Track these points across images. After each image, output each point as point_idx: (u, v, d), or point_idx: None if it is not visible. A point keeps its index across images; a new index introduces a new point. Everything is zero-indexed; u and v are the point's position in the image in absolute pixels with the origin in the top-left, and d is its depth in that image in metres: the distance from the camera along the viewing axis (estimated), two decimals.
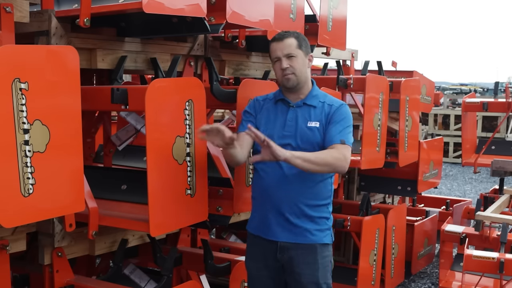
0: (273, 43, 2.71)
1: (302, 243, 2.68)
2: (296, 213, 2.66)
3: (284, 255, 2.69)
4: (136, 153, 3.86)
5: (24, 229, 2.61)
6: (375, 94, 4.15)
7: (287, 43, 2.67)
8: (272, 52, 2.71)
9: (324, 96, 2.77)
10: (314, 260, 2.69)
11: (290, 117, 2.71)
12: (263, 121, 2.76)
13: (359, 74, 4.68)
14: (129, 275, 3.35)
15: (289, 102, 2.73)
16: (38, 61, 2.18)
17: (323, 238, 2.72)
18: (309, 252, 2.68)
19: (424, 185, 5.18)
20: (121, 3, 2.62)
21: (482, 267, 3.94)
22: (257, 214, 2.78)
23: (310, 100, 2.73)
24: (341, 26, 4.29)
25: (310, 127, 2.67)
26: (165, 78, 2.82)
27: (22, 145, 2.10)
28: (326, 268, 2.73)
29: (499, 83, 6.53)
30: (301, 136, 2.67)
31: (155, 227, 2.54)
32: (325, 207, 2.75)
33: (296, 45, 2.68)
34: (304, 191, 2.66)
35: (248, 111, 2.83)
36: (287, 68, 2.65)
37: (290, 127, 2.69)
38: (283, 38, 2.68)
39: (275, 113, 2.75)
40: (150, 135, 2.48)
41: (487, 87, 25.32)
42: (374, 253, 4.40)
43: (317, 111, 2.71)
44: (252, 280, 2.82)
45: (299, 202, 2.66)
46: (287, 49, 2.66)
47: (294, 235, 2.68)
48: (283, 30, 2.77)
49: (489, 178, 10.98)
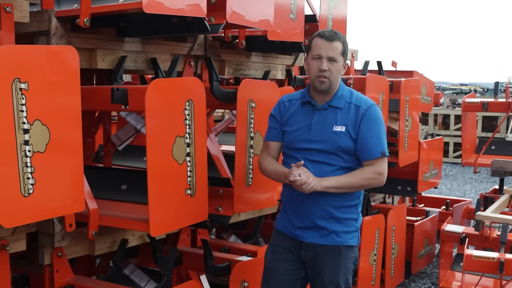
0: (321, 39, 2.61)
1: (328, 245, 2.67)
2: (324, 216, 2.65)
3: (308, 253, 2.70)
4: (136, 153, 3.86)
5: (24, 229, 2.61)
6: (375, 94, 4.14)
7: (334, 46, 2.60)
8: (315, 47, 2.62)
9: (351, 95, 2.70)
10: (338, 262, 2.68)
11: (315, 120, 2.67)
12: (289, 124, 2.74)
13: (359, 74, 4.68)
14: (129, 275, 3.35)
15: (315, 105, 2.69)
16: (38, 61, 2.18)
17: (349, 240, 2.70)
18: (334, 253, 2.68)
19: (424, 185, 5.18)
20: (121, 3, 2.62)
21: (482, 267, 3.94)
22: (285, 213, 2.79)
23: (335, 102, 2.68)
24: (341, 26, 4.29)
25: (336, 132, 2.63)
26: (165, 78, 2.82)
27: (22, 145, 2.10)
28: (349, 269, 2.74)
29: (499, 83, 6.53)
30: (327, 141, 2.64)
31: (155, 227, 2.53)
32: (354, 208, 2.73)
33: (341, 51, 2.63)
34: (333, 194, 2.63)
35: (273, 115, 2.82)
36: (325, 70, 2.59)
37: (315, 131, 2.66)
38: (333, 39, 2.60)
39: (301, 116, 2.72)
40: (150, 135, 2.48)
41: (487, 87, 25.33)
42: (374, 253, 4.40)
43: (343, 114, 2.66)
44: (267, 273, 2.82)
45: (328, 205, 2.65)
46: (332, 52, 2.60)
47: (320, 237, 2.67)
48: (331, 29, 2.69)
49: (489, 178, 10.98)
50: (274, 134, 2.80)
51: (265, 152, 2.83)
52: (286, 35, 3.63)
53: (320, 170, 2.62)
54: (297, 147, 2.70)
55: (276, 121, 2.80)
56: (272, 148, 2.81)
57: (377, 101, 4.17)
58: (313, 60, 2.63)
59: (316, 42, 2.63)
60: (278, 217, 2.86)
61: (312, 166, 2.63)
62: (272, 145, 2.81)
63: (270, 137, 2.83)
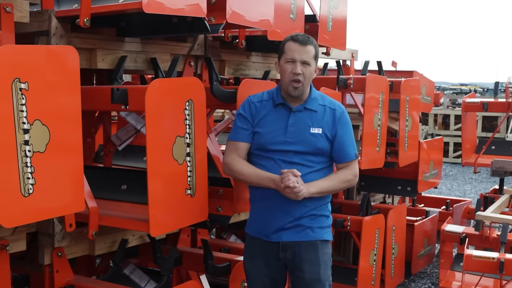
0: (294, 43, 2.65)
1: (304, 241, 2.70)
2: (299, 214, 2.67)
3: (287, 253, 2.70)
4: (136, 153, 3.86)
5: (24, 229, 2.61)
6: (375, 94, 4.15)
7: (308, 49, 2.64)
8: (288, 51, 2.65)
9: (323, 98, 2.77)
10: (316, 257, 2.71)
11: (291, 122, 2.69)
12: (261, 125, 2.73)
13: (359, 74, 4.68)
14: (129, 275, 3.35)
15: (290, 107, 2.71)
16: (38, 61, 2.18)
17: (324, 235, 2.74)
18: (311, 248, 2.70)
19: (424, 185, 5.18)
20: (121, 3, 2.62)
21: (482, 267, 3.94)
22: (258, 217, 2.77)
23: (310, 104, 2.72)
24: (341, 26, 4.29)
25: (313, 134, 2.68)
26: (165, 78, 2.82)
27: (22, 145, 2.10)
28: (327, 265, 2.76)
29: (499, 83, 6.53)
30: (304, 143, 2.67)
31: (155, 227, 2.54)
32: (325, 206, 2.77)
33: (314, 55, 2.67)
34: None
35: (243, 115, 2.77)
36: (299, 74, 2.62)
37: (292, 133, 2.68)
38: (306, 43, 2.64)
39: (275, 118, 2.72)
40: (150, 135, 2.48)
41: (487, 87, 25.32)
42: (374, 253, 4.40)
43: (318, 116, 2.70)
44: (251, 281, 2.82)
45: (302, 205, 2.66)
46: (306, 56, 2.63)
47: (295, 233, 2.69)
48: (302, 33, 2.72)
49: (489, 178, 10.98)
50: (245, 135, 2.75)
51: (234, 153, 2.75)
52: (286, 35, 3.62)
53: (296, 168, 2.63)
54: (272, 149, 2.68)
55: (247, 122, 2.75)
56: (241, 149, 2.75)
57: (377, 101, 4.17)
58: (287, 63, 2.66)
59: (289, 45, 2.67)
60: (249, 223, 2.83)
61: (286, 165, 2.64)
62: (241, 146, 2.75)
63: (239, 137, 2.76)
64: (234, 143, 2.77)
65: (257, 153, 2.76)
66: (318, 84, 3.68)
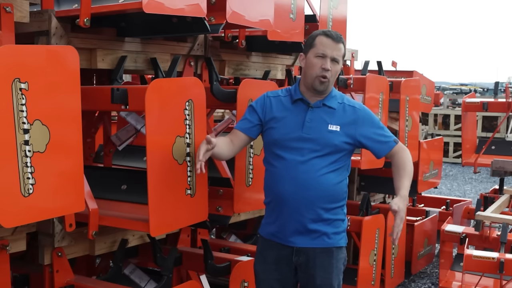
0: (327, 38, 2.58)
1: (319, 247, 2.64)
2: (314, 218, 2.61)
3: (300, 258, 2.65)
4: (136, 153, 3.86)
5: (24, 229, 2.61)
6: (375, 94, 4.15)
7: (339, 47, 2.59)
8: (320, 45, 2.58)
9: (342, 97, 2.70)
10: (330, 263, 2.65)
11: (309, 118, 2.62)
12: (276, 120, 2.66)
13: (359, 74, 4.68)
14: (129, 275, 3.36)
15: (308, 103, 2.64)
16: (38, 61, 2.18)
17: (339, 241, 2.68)
18: (325, 255, 2.65)
19: (424, 185, 5.18)
20: (121, 3, 2.62)
21: (482, 267, 3.94)
22: (272, 220, 2.70)
23: (329, 101, 2.65)
24: (341, 26, 4.29)
25: (331, 131, 2.60)
26: (165, 78, 2.82)
27: (22, 145, 2.10)
28: (340, 270, 2.71)
29: (499, 83, 6.53)
30: (322, 139, 2.59)
31: (155, 227, 2.53)
32: (340, 209, 2.69)
33: (343, 53, 2.63)
34: (322, 195, 2.60)
35: (253, 107, 2.72)
36: (328, 70, 2.56)
37: (309, 129, 2.60)
38: (339, 40, 2.59)
39: (292, 113, 2.65)
40: (150, 135, 2.48)
41: (487, 87, 25.32)
42: (374, 253, 4.40)
43: (337, 114, 2.64)
44: (260, 283, 2.77)
45: (317, 206, 2.60)
46: (337, 53, 2.58)
47: (311, 240, 2.63)
48: (335, 31, 2.65)
49: (489, 178, 10.98)
50: (245, 125, 2.70)
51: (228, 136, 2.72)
52: (286, 35, 3.63)
53: (311, 168, 2.58)
54: (287, 146, 2.62)
55: (254, 114, 2.70)
56: (237, 136, 2.70)
57: (377, 101, 4.17)
58: (316, 57, 2.58)
59: (321, 40, 2.59)
60: (264, 224, 2.77)
61: (302, 166, 2.58)
62: (237, 133, 2.70)
63: (239, 125, 2.73)
64: (234, 129, 2.75)
65: (271, 151, 2.68)
66: None
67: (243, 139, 2.73)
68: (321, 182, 2.58)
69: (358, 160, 3.99)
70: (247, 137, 2.72)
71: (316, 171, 2.58)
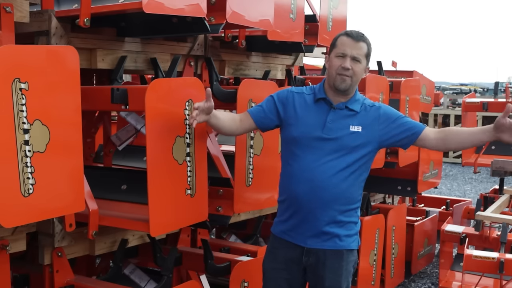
0: (347, 38, 2.57)
1: (330, 249, 2.62)
2: (328, 220, 2.58)
3: (310, 259, 2.63)
4: (136, 153, 3.86)
5: (24, 229, 2.61)
6: (375, 94, 4.15)
7: (360, 46, 2.57)
8: (340, 45, 2.57)
9: (364, 100, 2.68)
10: (340, 266, 2.64)
11: (330, 118, 2.59)
12: (298, 117, 2.63)
13: None
14: (129, 275, 3.36)
15: (331, 103, 2.62)
16: (38, 61, 2.18)
17: (351, 244, 2.66)
18: (336, 257, 2.63)
19: (424, 185, 5.18)
20: (121, 3, 2.62)
21: (482, 267, 3.94)
22: (285, 218, 2.68)
23: (352, 104, 2.62)
24: (341, 26, 4.29)
25: (352, 132, 2.58)
26: (165, 78, 2.82)
27: (22, 145, 2.10)
28: (350, 272, 2.71)
29: (499, 83, 6.53)
30: (342, 141, 2.57)
31: (155, 227, 2.53)
32: (354, 211, 2.67)
33: (366, 52, 2.60)
34: (337, 196, 2.57)
35: (273, 98, 2.68)
36: (348, 69, 2.54)
37: (329, 130, 2.58)
38: (360, 39, 2.57)
39: (313, 112, 2.63)
40: (150, 135, 2.48)
41: (487, 87, 25.32)
42: (374, 253, 4.40)
43: (360, 116, 2.61)
44: (267, 281, 2.76)
45: (332, 208, 2.58)
46: (357, 51, 2.56)
47: (323, 241, 2.61)
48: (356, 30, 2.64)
49: (489, 178, 10.98)
50: (259, 116, 2.68)
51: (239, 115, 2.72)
52: (286, 35, 3.63)
53: (328, 170, 2.56)
54: (306, 144, 2.59)
55: (273, 107, 2.67)
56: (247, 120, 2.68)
57: (377, 101, 4.17)
58: (337, 57, 2.57)
59: (342, 40, 2.58)
60: (276, 222, 2.75)
61: (320, 167, 2.55)
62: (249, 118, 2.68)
63: (251, 110, 2.71)
64: (246, 111, 2.73)
65: (288, 148, 2.65)
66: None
67: (251, 125, 2.70)
68: (338, 184, 2.56)
69: None
70: (254, 124, 2.70)
71: (334, 173, 2.55)
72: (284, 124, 2.67)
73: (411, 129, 2.64)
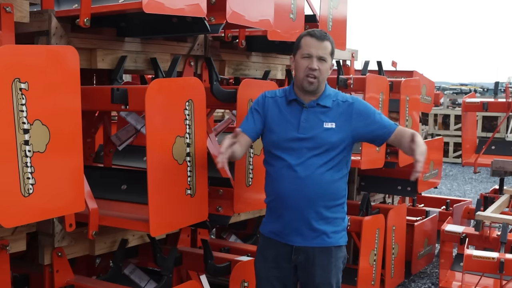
0: (311, 38, 2.60)
1: (318, 246, 2.65)
2: (314, 217, 2.62)
3: (299, 256, 2.66)
4: (136, 153, 3.86)
5: (24, 229, 2.61)
6: (375, 94, 4.15)
7: (325, 45, 2.60)
8: (305, 46, 2.60)
9: (336, 94, 2.71)
10: (329, 262, 2.66)
11: (304, 118, 2.64)
12: (273, 121, 2.68)
13: (359, 74, 4.68)
14: (129, 275, 3.36)
15: (302, 103, 2.66)
16: (38, 61, 2.18)
17: (339, 240, 2.69)
18: (325, 254, 2.66)
19: (424, 185, 5.18)
20: (121, 3, 2.62)
21: (482, 267, 3.94)
22: (273, 218, 2.72)
23: (323, 101, 2.66)
24: (341, 26, 4.29)
25: (326, 128, 2.62)
26: (165, 78, 2.82)
27: (22, 145, 2.10)
28: (339, 268, 2.72)
29: (499, 83, 6.53)
30: (318, 138, 2.61)
31: (155, 227, 2.54)
32: (340, 207, 2.70)
33: (330, 51, 2.63)
34: (321, 192, 2.61)
35: (257, 109, 2.73)
36: (315, 70, 2.58)
37: (304, 129, 2.62)
38: (324, 39, 2.60)
39: (287, 114, 2.67)
40: (150, 135, 2.48)
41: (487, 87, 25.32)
42: (374, 253, 4.40)
43: (331, 111, 2.65)
44: (260, 281, 2.78)
45: (317, 204, 2.61)
46: (323, 51, 2.59)
47: (311, 239, 2.64)
48: (319, 29, 2.68)
49: (489, 178, 10.98)
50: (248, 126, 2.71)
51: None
52: (286, 35, 3.62)
53: (309, 167, 2.60)
54: (284, 146, 2.63)
55: (258, 114, 2.71)
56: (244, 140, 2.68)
57: (377, 101, 4.17)
58: (303, 59, 2.61)
59: (306, 40, 2.62)
60: (265, 223, 2.79)
61: (300, 165, 2.60)
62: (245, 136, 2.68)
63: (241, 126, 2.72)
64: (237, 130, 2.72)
65: (269, 151, 2.70)
66: None
67: (248, 141, 2.73)
68: (320, 180, 2.60)
69: (358, 160, 3.99)
70: (247, 138, 2.72)
71: (315, 169, 2.60)
72: (265, 129, 2.72)
73: (383, 128, 2.68)
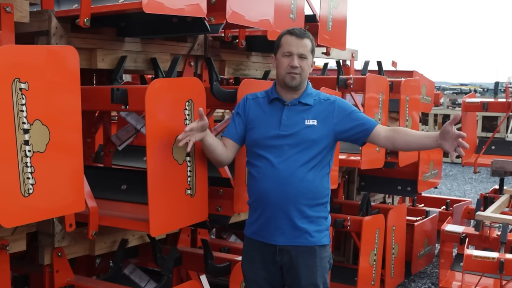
0: (291, 37, 2.64)
1: (302, 245, 2.65)
2: (296, 215, 2.62)
3: (283, 257, 2.66)
4: (136, 153, 3.86)
5: (24, 229, 2.61)
6: (375, 94, 4.15)
7: (305, 43, 2.64)
8: (285, 44, 2.65)
9: (317, 93, 2.76)
10: (313, 262, 2.67)
11: (285, 115, 2.66)
12: (255, 120, 2.71)
13: (359, 74, 4.68)
14: (129, 275, 3.36)
15: (284, 101, 2.69)
16: (38, 61, 2.18)
17: (322, 239, 2.69)
18: (308, 254, 2.66)
19: (424, 185, 5.18)
20: (121, 3, 2.62)
21: (482, 267, 3.94)
22: (255, 218, 2.72)
23: (304, 99, 2.70)
24: (341, 26, 4.29)
25: (308, 125, 2.65)
26: (165, 78, 2.82)
27: (22, 145, 2.10)
28: (325, 268, 2.72)
29: (499, 83, 6.53)
30: (299, 135, 2.63)
31: (155, 227, 2.54)
32: (323, 206, 2.71)
33: (310, 48, 2.67)
34: (303, 190, 2.62)
35: (238, 112, 2.78)
36: (297, 67, 2.62)
37: (286, 127, 2.65)
38: (303, 36, 2.64)
39: (269, 113, 2.70)
40: (150, 135, 2.48)
41: (487, 87, 25.33)
42: (374, 253, 4.40)
43: (313, 109, 2.68)
44: (249, 283, 2.79)
45: (298, 203, 2.62)
46: (303, 49, 2.63)
47: (293, 238, 2.64)
48: (299, 28, 2.71)
49: (489, 178, 10.98)
50: (231, 132, 2.74)
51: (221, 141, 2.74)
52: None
53: (291, 165, 2.61)
54: (266, 144, 2.65)
55: (239, 120, 2.75)
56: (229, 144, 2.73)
57: (377, 101, 4.17)
58: (284, 57, 2.65)
59: (286, 39, 2.66)
60: (248, 224, 2.79)
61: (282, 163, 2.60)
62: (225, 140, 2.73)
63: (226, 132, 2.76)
64: (223, 137, 2.79)
65: (252, 151, 2.72)
66: (318, 84, 3.68)
67: (234, 146, 2.76)
68: (302, 178, 2.61)
69: (358, 160, 3.99)
70: (233, 143, 2.75)
71: (296, 167, 2.61)
72: (247, 129, 2.75)
73: (364, 125, 2.70)
